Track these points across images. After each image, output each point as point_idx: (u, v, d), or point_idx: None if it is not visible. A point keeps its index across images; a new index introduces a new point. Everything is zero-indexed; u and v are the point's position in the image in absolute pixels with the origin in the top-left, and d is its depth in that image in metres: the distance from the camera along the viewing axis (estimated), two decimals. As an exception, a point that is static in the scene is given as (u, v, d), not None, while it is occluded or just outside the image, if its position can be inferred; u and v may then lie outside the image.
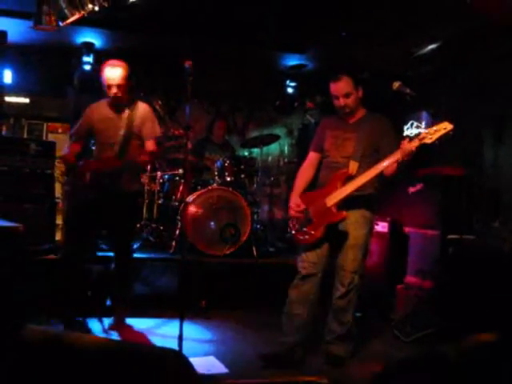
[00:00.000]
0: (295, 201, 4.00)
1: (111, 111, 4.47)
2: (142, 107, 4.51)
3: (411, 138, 3.55)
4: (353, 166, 3.83)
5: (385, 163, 3.66)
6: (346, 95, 3.90)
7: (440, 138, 3.43)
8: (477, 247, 4.79)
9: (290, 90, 8.15)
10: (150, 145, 4.48)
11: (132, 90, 4.48)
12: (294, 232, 3.99)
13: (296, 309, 3.96)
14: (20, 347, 1.52)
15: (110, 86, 4.33)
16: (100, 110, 4.51)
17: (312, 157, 4.18)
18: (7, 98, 7.04)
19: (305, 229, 3.90)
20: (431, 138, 3.45)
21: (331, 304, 4.00)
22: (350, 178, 3.79)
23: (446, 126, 3.43)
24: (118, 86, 4.31)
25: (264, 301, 5.21)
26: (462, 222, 5.12)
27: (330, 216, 3.80)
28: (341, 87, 3.91)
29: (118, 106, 4.44)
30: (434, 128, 3.46)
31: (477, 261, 4.60)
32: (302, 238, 3.93)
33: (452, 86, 6.37)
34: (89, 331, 4.36)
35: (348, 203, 3.81)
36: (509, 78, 5.49)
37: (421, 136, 3.50)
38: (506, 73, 5.55)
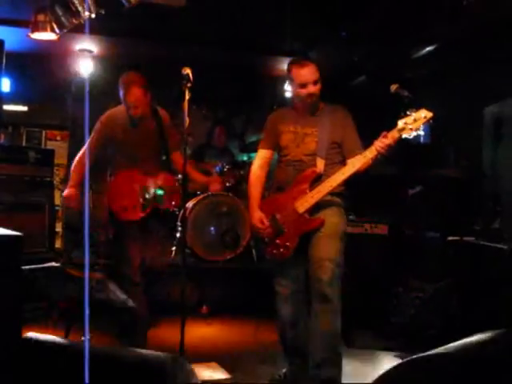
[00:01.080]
0: (258, 215, 3.52)
1: (136, 123, 4.22)
2: (164, 115, 4.36)
3: (388, 131, 3.25)
4: (320, 164, 3.45)
5: (360, 160, 3.29)
6: (315, 82, 3.47)
7: (419, 128, 3.19)
8: (477, 249, 4.79)
9: (288, 95, 8.15)
10: (179, 157, 4.26)
11: (151, 101, 4.25)
12: (262, 245, 3.55)
13: (289, 332, 3.61)
14: (22, 355, 1.52)
15: (129, 107, 4.12)
16: (122, 119, 4.22)
17: (265, 155, 3.72)
18: (5, 107, 7.05)
19: (277, 241, 3.46)
20: (411, 129, 3.19)
21: (311, 309, 3.45)
22: (318, 177, 3.43)
23: (425, 114, 3.17)
24: (136, 107, 4.12)
25: (265, 305, 5.20)
26: (461, 224, 5.12)
27: (305, 224, 3.41)
28: (311, 72, 3.47)
29: (140, 119, 4.20)
30: (413, 118, 3.18)
31: (477, 262, 4.59)
32: (275, 252, 3.46)
33: (450, 87, 6.38)
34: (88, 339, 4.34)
35: (320, 202, 3.41)
36: (507, 79, 5.49)
37: (399, 127, 3.21)
38: (505, 74, 5.55)
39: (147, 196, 4.17)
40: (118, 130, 4.21)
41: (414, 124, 3.18)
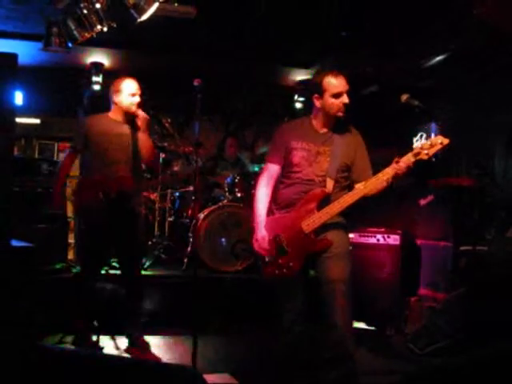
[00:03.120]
0: (262, 234, 3.46)
1: (114, 126, 4.37)
2: (142, 117, 4.45)
3: (402, 155, 3.25)
4: (329, 184, 3.36)
5: (372, 182, 3.29)
6: (348, 93, 3.39)
7: (436, 153, 3.22)
8: (490, 258, 4.76)
9: (298, 105, 8.17)
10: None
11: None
12: (263, 264, 3.45)
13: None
14: (33, 365, 1.52)
15: (134, 94, 4.31)
16: (101, 122, 4.39)
17: (273, 170, 3.56)
18: (18, 119, 7.12)
19: (279, 261, 3.36)
20: (427, 154, 3.19)
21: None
22: (327, 197, 3.35)
23: (442, 141, 3.19)
24: (140, 96, 4.35)
25: (277, 316, 5.18)
26: (474, 233, 5.10)
27: (311, 244, 3.33)
28: (344, 82, 3.39)
29: (127, 118, 4.37)
30: (429, 143, 3.21)
31: (490, 271, 4.57)
32: (277, 272, 3.37)
33: (461, 97, 6.36)
34: (101, 349, 4.35)
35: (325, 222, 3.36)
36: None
37: (415, 151, 3.22)
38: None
39: (110, 197, 4.27)
40: (97, 130, 4.35)
41: (430, 149, 3.20)
